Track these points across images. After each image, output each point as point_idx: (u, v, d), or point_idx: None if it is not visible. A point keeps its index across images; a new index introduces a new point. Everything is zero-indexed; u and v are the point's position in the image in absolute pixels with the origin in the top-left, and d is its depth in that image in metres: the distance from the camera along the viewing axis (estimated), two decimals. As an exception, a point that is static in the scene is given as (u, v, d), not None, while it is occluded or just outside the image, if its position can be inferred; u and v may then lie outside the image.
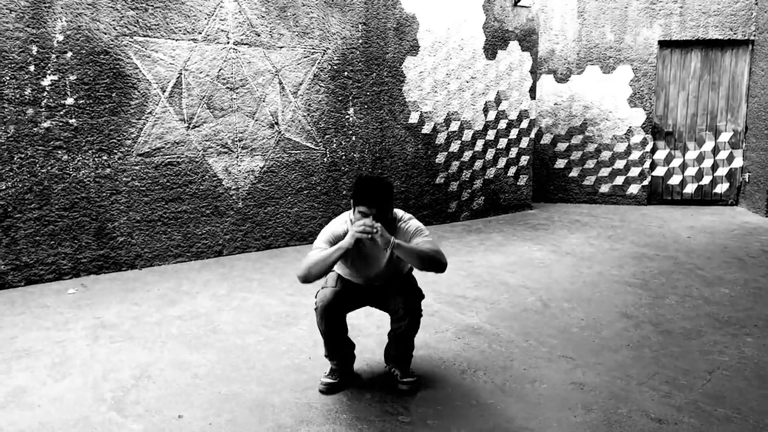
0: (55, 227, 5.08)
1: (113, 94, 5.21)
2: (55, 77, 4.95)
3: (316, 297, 3.25)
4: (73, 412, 3.04)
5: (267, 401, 3.15)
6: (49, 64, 4.91)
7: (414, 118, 7.07)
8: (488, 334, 4.05)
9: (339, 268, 3.36)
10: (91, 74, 5.09)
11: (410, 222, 3.26)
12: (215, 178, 5.81)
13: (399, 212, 3.31)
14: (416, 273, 3.52)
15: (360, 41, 6.53)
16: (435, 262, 3.09)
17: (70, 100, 5.03)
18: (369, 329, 4.11)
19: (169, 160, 5.54)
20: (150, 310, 4.46)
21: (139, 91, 5.33)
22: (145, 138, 5.40)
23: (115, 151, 5.28)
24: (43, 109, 4.94)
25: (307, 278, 3.09)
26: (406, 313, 3.24)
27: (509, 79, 7.82)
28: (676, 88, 8.59)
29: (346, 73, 6.48)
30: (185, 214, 5.69)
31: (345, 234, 3.15)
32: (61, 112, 5.01)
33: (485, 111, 7.68)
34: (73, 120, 5.07)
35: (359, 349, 3.77)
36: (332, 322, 3.22)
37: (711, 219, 7.77)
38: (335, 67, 6.40)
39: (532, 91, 8.11)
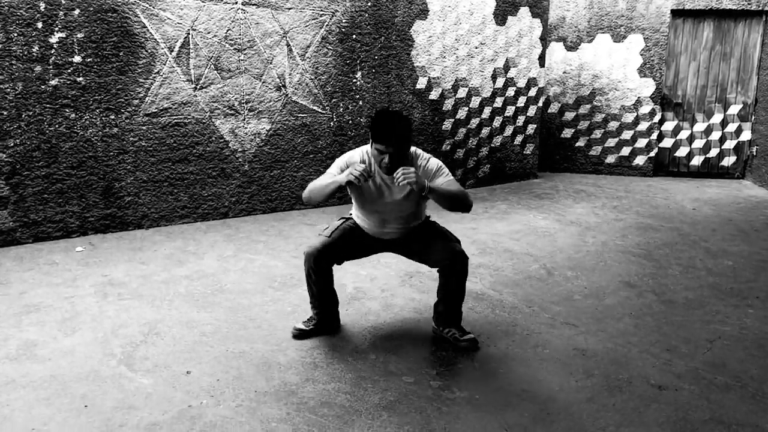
0: (62, 185, 5.10)
1: (121, 53, 5.18)
2: (63, 34, 4.92)
3: None
4: (84, 365, 3.10)
5: (273, 360, 3.20)
6: (57, 21, 4.88)
7: (422, 83, 7.02)
8: (492, 299, 4.09)
9: (355, 209, 3.40)
10: (98, 32, 5.06)
11: (430, 161, 3.26)
12: (222, 140, 5.81)
13: (416, 150, 3.29)
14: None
15: (369, 4, 6.45)
16: (464, 204, 3.18)
17: (77, 58, 5.01)
18: (373, 292, 4.15)
19: (176, 120, 5.53)
20: (157, 270, 4.51)
21: (146, 51, 5.29)
22: (152, 98, 5.38)
23: (123, 110, 5.27)
24: (51, 67, 4.91)
25: (308, 201, 3.27)
26: (454, 260, 3.29)
27: (518, 46, 7.74)
28: (687, 58, 8.49)
29: (354, 37, 6.42)
30: (192, 175, 5.69)
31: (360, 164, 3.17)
32: (69, 70, 4.99)
33: (493, 78, 7.62)
34: (81, 78, 5.05)
35: (363, 312, 3.82)
36: (316, 270, 3.33)
37: (717, 192, 7.76)
38: (343, 30, 6.33)
39: (541, 59, 8.03)
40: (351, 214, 3.54)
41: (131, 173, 5.39)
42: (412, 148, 3.27)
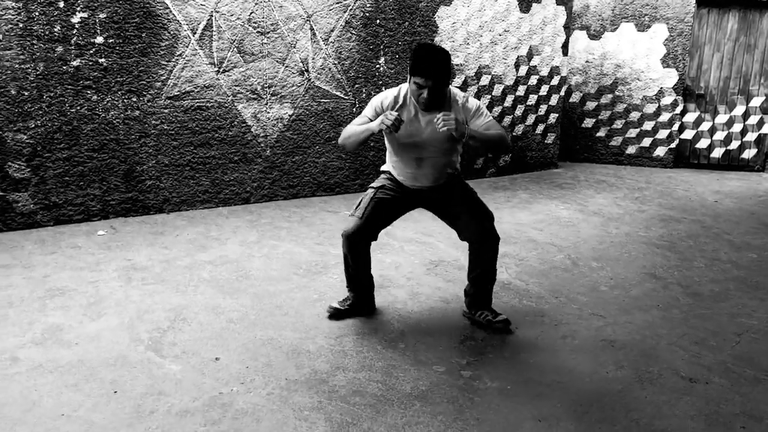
0: (84, 168, 5.08)
1: (143, 34, 5.13)
2: (85, 14, 4.88)
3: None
4: (111, 350, 3.08)
5: (302, 347, 3.18)
6: (79, 1, 4.83)
7: (444, 70, 6.93)
8: (518, 289, 4.06)
9: (388, 145, 3.36)
10: (121, 13, 5.01)
11: (469, 100, 3.24)
12: (244, 125, 5.76)
13: (452, 89, 3.26)
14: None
15: (392, -11, 6.37)
16: (503, 147, 3.20)
17: (99, 39, 4.96)
18: (399, 280, 4.12)
19: (198, 104, 5.49)
20: (180, 254, 4.49)
21: (169, 32, 5.24)
22: (174, 81, 5.33)
23: (145, 93, 5.23)
24: (73, 48, 4.88)
25: (344, 147, 3.29)
26: (484, 240, 3.33)
27: (542, 34, 7.64)
28: (711, 49, 8.36)
29: (378, 21, 6.33)
30: (213, 159, 5.66)
31: (392, 104, 3.20)
32: (91, 51, 4.95)
33: (516, 66, 7.52)
34: (103, 59, 5.01)
35: (390, 300, 3.80)
36: (353, 252, 3.36)
37: (737, 184, 7.67)
38: (367, 14, 6.25)
39: (565, 47, 7.92)
40: (385, 168, 3.49)
41: (153, 157, 5.36)
42: (453, 89, 3.25)
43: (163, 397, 2.69)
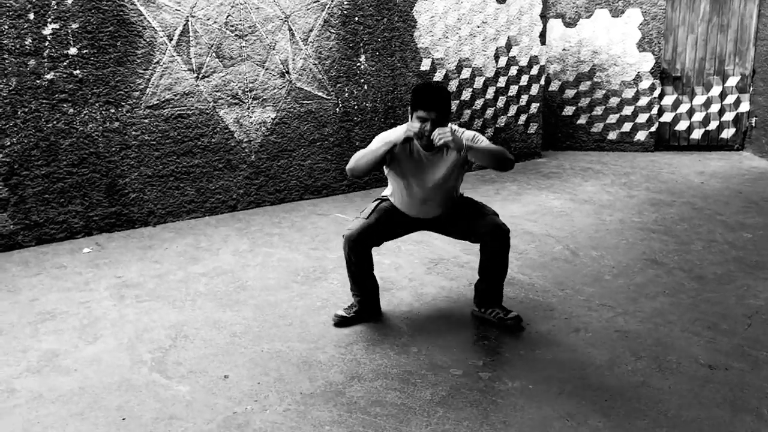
0: (64, 184, 4.88)
1: (118, 43, 4.95)
2: (57, 26, 4.68)
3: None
4: (113, 374, 2.94)
5: (313, 358, 3.06)
6: (50, 12, 4.64)
7: (426, 65, 6.83)
8: (523, 284, 3.99)
9: (393, 184, 3.37)
10: (94, 22, 4.82)
11: (466, 132, 3.27)
12: (227, 131, 5.59)
13: (451, 125, 3.28)
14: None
15: (369, -15, 6.25)
16: (506, 159, 3.19)
17: (73, 50, 4.77)
18: (401, 282, 4.02)
19: (179, 112, 5.31)
20: (172, 268, 4.33)
21: (144, 40, 5.06)
22: (153, 89, 5.15)
23: (123, 103, 5.04)
24: (46, 60, 4.68)
25: (354, 170, 3.19)
26: (495, 235, 3.28)
27: (520, 24, 7.58)
28: (685, 31, 8.39)
29: (356, 19, 6.20)
30: (197, 168, 5.49)
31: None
32: (65, 63, 4.75)
33: (496, 57, 7.45)
34: (78, 71, 4.81)
35: (395, 303, 3.70)
36: (356, 254, 3.28)
37: (719, 164, 7.72)
38: (345, 12, 6.11)
39: (542, 36, 7.87)
40: (385, 195, 3.46)
41: (135, 169, 5.18)
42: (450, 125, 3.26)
43: (175, 422, 2.55)
